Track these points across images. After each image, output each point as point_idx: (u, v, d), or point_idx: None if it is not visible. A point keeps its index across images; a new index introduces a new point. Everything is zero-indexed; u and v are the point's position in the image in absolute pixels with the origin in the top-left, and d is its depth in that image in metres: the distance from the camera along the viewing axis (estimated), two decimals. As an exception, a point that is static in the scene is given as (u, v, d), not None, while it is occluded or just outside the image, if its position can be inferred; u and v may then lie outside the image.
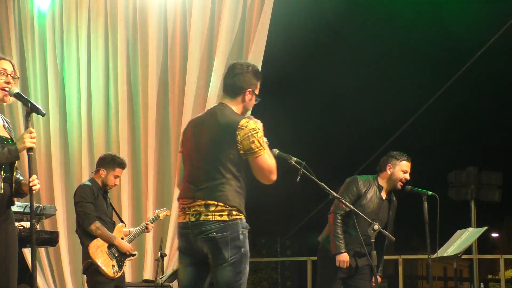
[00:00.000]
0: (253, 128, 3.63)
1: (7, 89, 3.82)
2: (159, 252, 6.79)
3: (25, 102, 3.85)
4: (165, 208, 6.44)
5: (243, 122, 3.64)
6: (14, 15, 8.43)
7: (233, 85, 3.79)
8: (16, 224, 5.56)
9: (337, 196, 5.02)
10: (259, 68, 7.38)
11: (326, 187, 5.25)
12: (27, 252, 7.60)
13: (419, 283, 31.27)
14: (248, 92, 3.78)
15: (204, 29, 7.79)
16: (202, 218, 3.61)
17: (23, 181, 3.90)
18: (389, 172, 5.57)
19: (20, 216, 5.48)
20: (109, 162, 5.87)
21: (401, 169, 5.55)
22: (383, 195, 5.61)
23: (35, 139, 3.78)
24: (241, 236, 3.60)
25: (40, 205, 5.91)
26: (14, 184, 3.89)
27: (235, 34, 7.71)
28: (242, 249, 3.61)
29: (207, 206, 3.61)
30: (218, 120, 3.70)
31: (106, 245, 5.67)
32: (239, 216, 3.63)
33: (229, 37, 7.67)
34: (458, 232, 6.72)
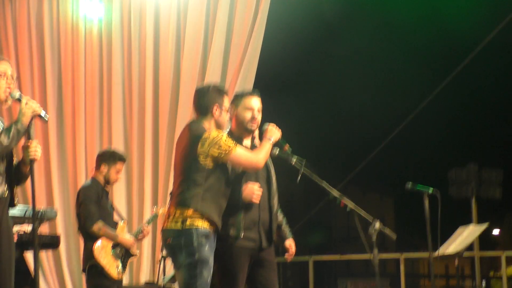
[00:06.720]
0: (215, 136, 3.98)
1: (8, 90, 3.71)
2: (161, 254, 6.76)
3: None
4: (156, 207, 6.40)
5: (205, 135, 3.98)
6: (12, 15, 8.41)
7: (200, 107, 4.17)
8: (17, 228, 5.54)
9: (337, 195, 5.01)
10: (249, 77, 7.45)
11: (327, 186, 5.24)
12: (28, 255, 7.58)
13: (421, 281, 31.26)
14: (215, 108, 4.12)
15: (199, 28, 7.77)
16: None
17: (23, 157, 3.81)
18: None
19: (21, 220, 5.43)
20: (110, 156, 5.78)
21: None
22: None
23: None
24: (195, 243, 3.86)
25: (41, 209, 5.81)
26: (13, 184, 3.82)
27: (231, 34, 7.69)
28: (196, 255, 3.86)
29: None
30: (188, 134, 4.06)
31: (111, 245, 5.58)
32: (194, 226, 3.87)
33: (225, 37, 7.66)
34: (460, 229, 6.70)
